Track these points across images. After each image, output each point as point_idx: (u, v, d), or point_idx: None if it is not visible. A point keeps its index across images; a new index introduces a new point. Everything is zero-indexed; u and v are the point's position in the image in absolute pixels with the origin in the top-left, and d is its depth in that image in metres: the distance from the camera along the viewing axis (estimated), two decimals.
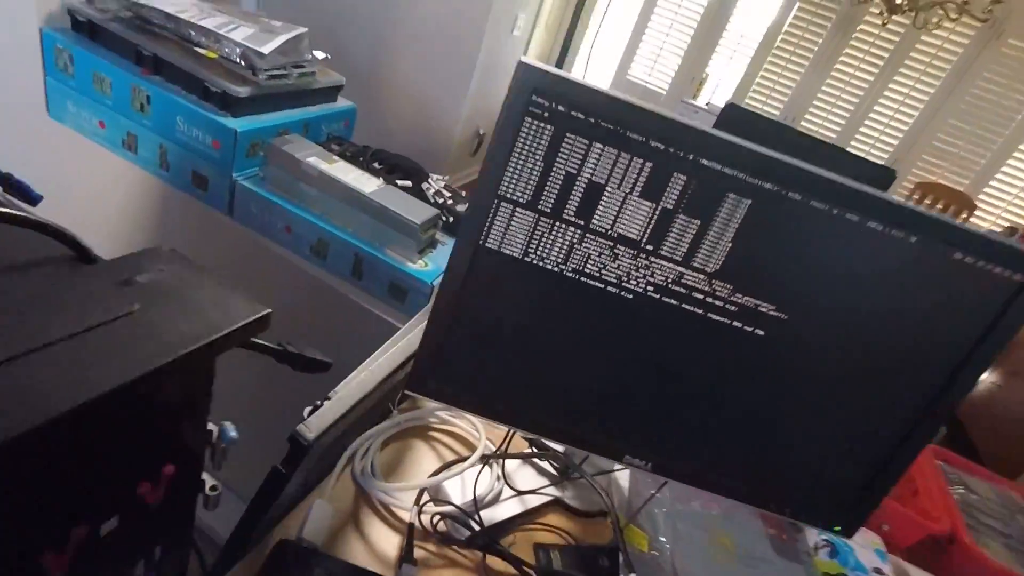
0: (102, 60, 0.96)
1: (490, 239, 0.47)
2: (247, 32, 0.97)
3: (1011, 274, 0.45)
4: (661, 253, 0.47)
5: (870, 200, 0.44)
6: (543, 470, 0.69)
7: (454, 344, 0.51)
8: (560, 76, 0.42)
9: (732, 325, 0.49)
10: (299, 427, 0.42)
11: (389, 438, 0.67)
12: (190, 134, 0.96)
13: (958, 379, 0.49)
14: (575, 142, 0.44)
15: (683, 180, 0.45)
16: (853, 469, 0.54)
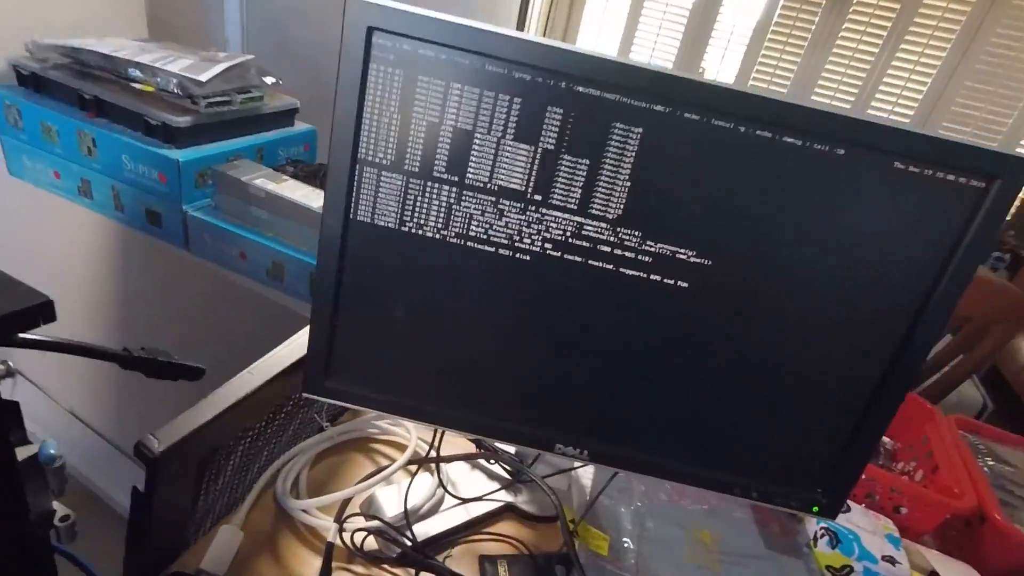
0: (48, 110, 0.97)
1: (360, 211, 0.42)
2: (186, 63, 0.96)
3: (967, 180, 0.38)
4: (552, 203, 0.41)
5: (782, 110, 0.38)
6: (494, 474, 0.62)
7: (343, 335, 0.46)
8: (397, 8, 0.37)
9: (650, 279, 0.42)
10: (144, 437, 0.37)
11: (323, 454, 0.61)
12: (137, 171, 0.95)
13: (927, 314, 0.41)
14: (430, 85, 0.39)
15: (560, 114, 0.39)
16: (821, 437, 0.46)
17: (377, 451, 0.64)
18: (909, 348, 0.42)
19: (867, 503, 0.68)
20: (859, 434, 0.45)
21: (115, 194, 0.99)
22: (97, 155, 0.97)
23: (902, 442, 0.80)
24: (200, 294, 1.04)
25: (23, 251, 1.21)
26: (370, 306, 0.45)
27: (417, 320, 0.45)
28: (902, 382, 0.43)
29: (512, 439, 0.49)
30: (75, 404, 1.34)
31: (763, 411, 0.45)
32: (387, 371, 0.47)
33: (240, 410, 0.43)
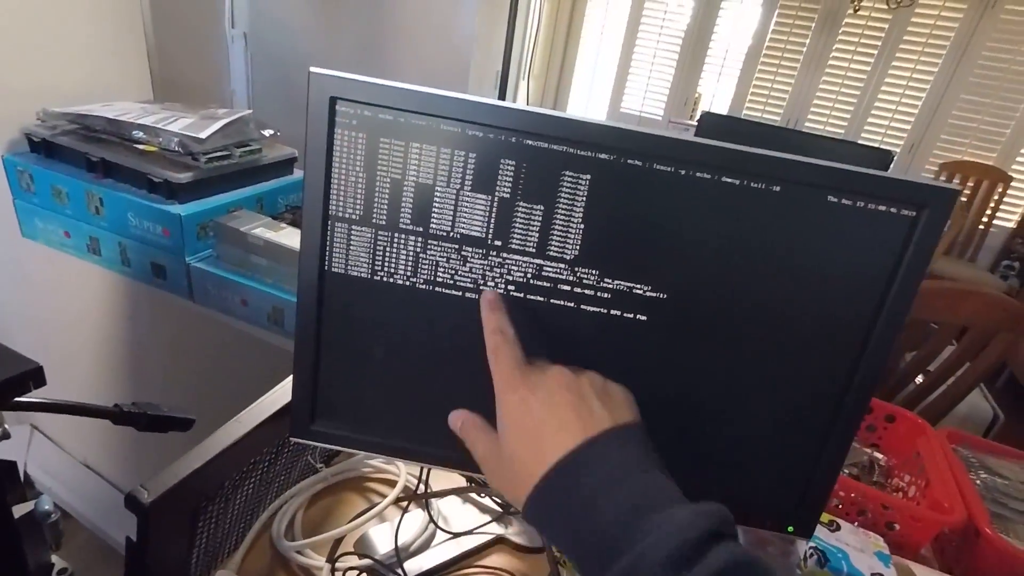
0: (57, 173, 1.02)
1: (334, 263, 0.45)
2: (187, 122, 1.02)
3: (898, 209, 0.40)
4: (511, 247, 0.44)
5: (715, 154, 0.40)
6: (484, 506, 0.63)
7: (326, 381, 0.48)
8: (356, 79, 0.40)
9: (610, 314, 0.45)
10: (135, 489, 0.39)
11: (318, 495, 0.63)
12: (143, 227, 1.00)
13: (875, 334, 0.43)
14: (391, 145, 0.42)
15: (512, 165, 0.42)
16: (787, 457, 0.47)
17: (371, 489, 0.65)
18: (862, 367, 0.43)
19: (860, 521, 0.68)
20: (824, 453, 0.46)
21: (122, 250, 1.04)
22: (104, 213, 1.02)
23: (897, 458, 0.80)
24: (205, 341, 1.07)
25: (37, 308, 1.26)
26: (350, 352, 0.47)
27: (395, 363, 0.48)
28: (859, 401, 0.44)
29: None
30: (88, 456, 1.37)
31: (729, 433, 0.47)
32: (370, 412, 0.50)
33: (229, 456, 0.45)
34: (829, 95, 3.10)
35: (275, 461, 0.56)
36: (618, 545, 0.30)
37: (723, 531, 0.31)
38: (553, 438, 0.35)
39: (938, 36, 2.83)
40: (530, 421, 0.36)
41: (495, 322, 0.41)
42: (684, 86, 3.41)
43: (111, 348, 1.18)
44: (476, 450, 0.41)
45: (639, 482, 0.33)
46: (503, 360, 0.39)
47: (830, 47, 3.02)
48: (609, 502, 0.32)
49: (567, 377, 0.38)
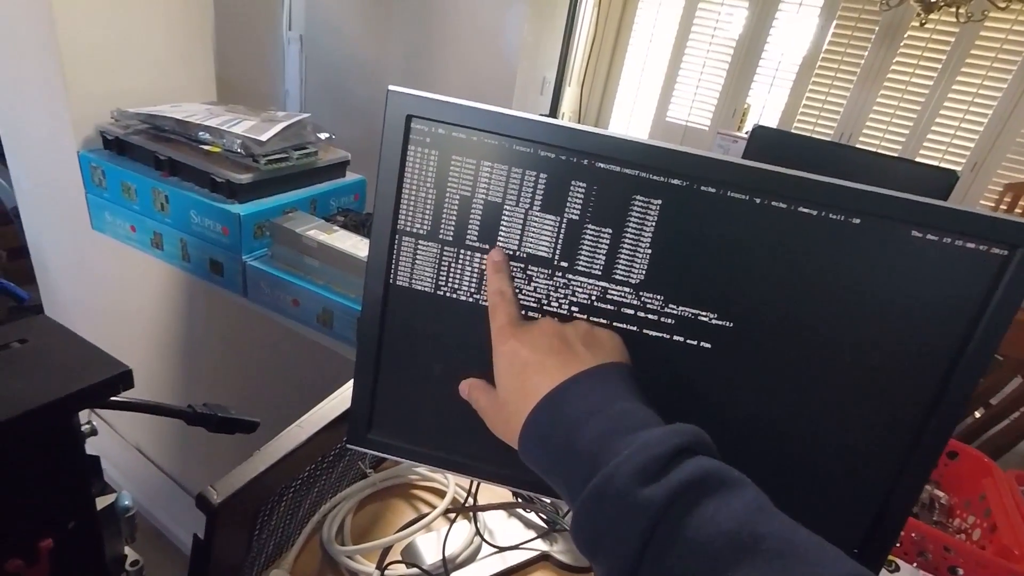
0: (127, 171, 1.07)
1: (399, 277, 0.46)
2: (249, 124, 1.05)
3: (988, 248, 0.38)
4: (577, 269, 0.44)
5: (795, 183, 0.39)
6: (530, 523, 0.63)
7: (384, 392, 0.49)
8: (433, 98, 0.41)
9: (673, 340, 0.44)
10: (205, 489, 0.41)
11: (366, 500, 0.64)
12: (203, 225, 1.03)
13: (957, 374, 0.41)
14: (463, 163, 0.42)
15: (583, 188, 0.42)
16: (853, 496, 0.45)
17: (418, 497, 0.66)
18: (940, 409, 0.42)
19: (919, 562, 0.65)
20: (894, 494, 0.44)
21: (183, 246, 1.08)
22: (169, 210, 1.06)
23: (958, 497, 0.77)
24: (257, 338, 1.10)
25: (101, 297, 1.32)
26: (410, 365, 0.48)
27: (454, 378, 0.48)
28: (936, 442, 0.43)
29: (544, 491, 0.51)
30: (142, 442, 1.42)
31: (792, 468, 0.46)
32: (425, 425, 0.50)
33: (290, 461, 0.46)
34: (886, 110, 3.00)
35: (328, 466, 0.57)
36: (594, 465, 0.32)
37: (694, 448, 0.32)
38: (538, 378, 0.37)
39: (1008, 51, 2.70)
40: (518, 365, 0.39)
41: (497, 283, 0.43)
42: (733, 97, 3.35)
43: (168, 341, 1.22)
44: (478, 404, 0.43)
45: (616, 409, 0.35)
46: (499, 316, 0.42)
47: (889, 60, 2.93)
48: (587, 429, 0.34)
49: (553, 326, 0.40)
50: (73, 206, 1.16)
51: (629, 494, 0.29)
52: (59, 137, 1.11)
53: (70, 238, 1.24)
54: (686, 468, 0.30)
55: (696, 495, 0.29)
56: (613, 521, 0.30)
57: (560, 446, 0.35)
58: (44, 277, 1.39)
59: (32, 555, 0.33)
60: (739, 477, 0.31)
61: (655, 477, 0.30)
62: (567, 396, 0.36)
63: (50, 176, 1.19)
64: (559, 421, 0.35)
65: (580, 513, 0.31)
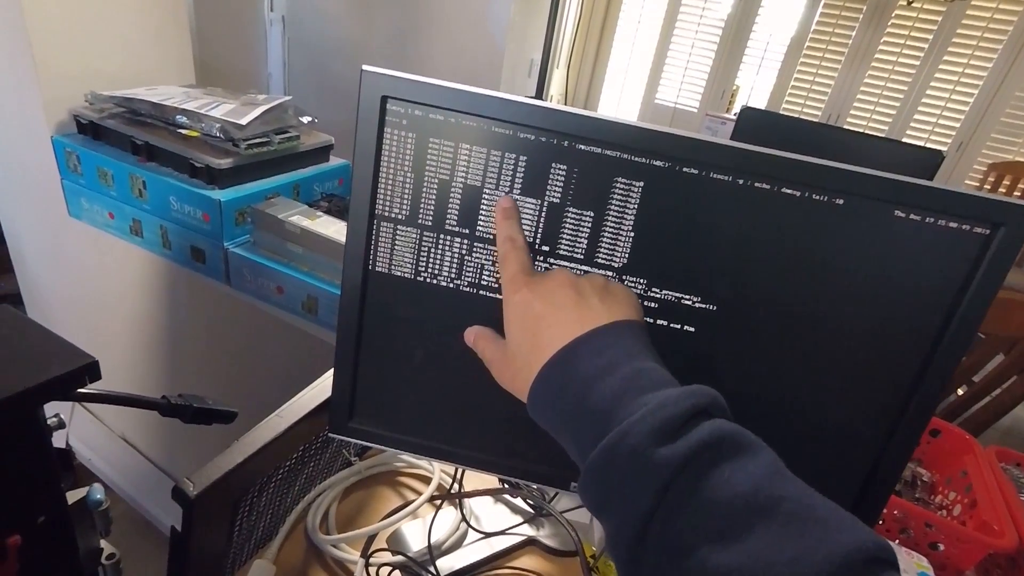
0: (103, 156, 1.04)
1: (378, 263, 0.45)
2: (228, 108, 1.03)
3: (970, 227, 0.38)
4: (559, 253, 0.43)
5: (778, 164, 0.38)
6: (516, 508, 0.63)
7: (365, 379, 0.48)
8: (409, 78, 0.40)
9: (656, 324, 0.44)
10: (181, 481, 0.40)
11: (351, 488, 0.64)
12: (183, 211, 1.01)
13: (939, 353, 0.41)
14: (441, 146, 0.41)
15: (564, 170, 0.41)
16: (837, 473, 0.46)
17: (404, 484, 0.66)
18: (923, 387, 0.42)
19: (901, 539, 0.66)
20: (876, 473, 0.44)
21: (163, 233, 1.06)
22: (147, 197, 1.04)
23: (940, 475, 0.78)
24: (240, 327, 1.09)
25: (79, 287, 1.29)
26: (390, 351, 0.47)
27: (435, 365, 0.47)
28: (918, 420, 0.43)
29: (529, 477, 0.51)
30: (128, 432, 1.41)
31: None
32: (408, 413, 0.49)
33: (269, 451, 0.45)
34: (874, 91, 3.00)
35: (313, 455, 0.57)
36: (607, 423, 0.31)
37: (710, 410, 0.32)
38: (551, 332, 0.36)
39: (994, 30, 2.70)
40: (531, 318, 0.38)
41: (507, 230, 0.41)
42: (722, 78, 3.33)
43: (150, 330, 1.21)
44: (485, 355, 0.42)
45: (631, 368, 0.34)
46: (510, 265, 0.40)
47: (877, 41, 2.92)
48: (601, 387, 0.33)
49: (568, 277, 0.39)
50: (48, 193, 1.13)
51: (644, 452, 0.29)
52: (31, 121, 1.08)
53: (46, 226, 1.22)
54: (703, 429, 0.29)
55: (712, 456, 0.29)
56: (625, 479, 0.29)
57: (572, 403, 0.34)
58: (21, 266, 1.36)
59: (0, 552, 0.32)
60: (755, 440, 0.31)
61: (671, 437, 0.29)
62: (581, 352, 0.35)
63: (23, 162, 1.16)
64: (572, 377, 0.34)
65: (591, 470, 0.31)
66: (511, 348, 0.39)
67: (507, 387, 0.40)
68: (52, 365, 0.30)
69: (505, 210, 0.42)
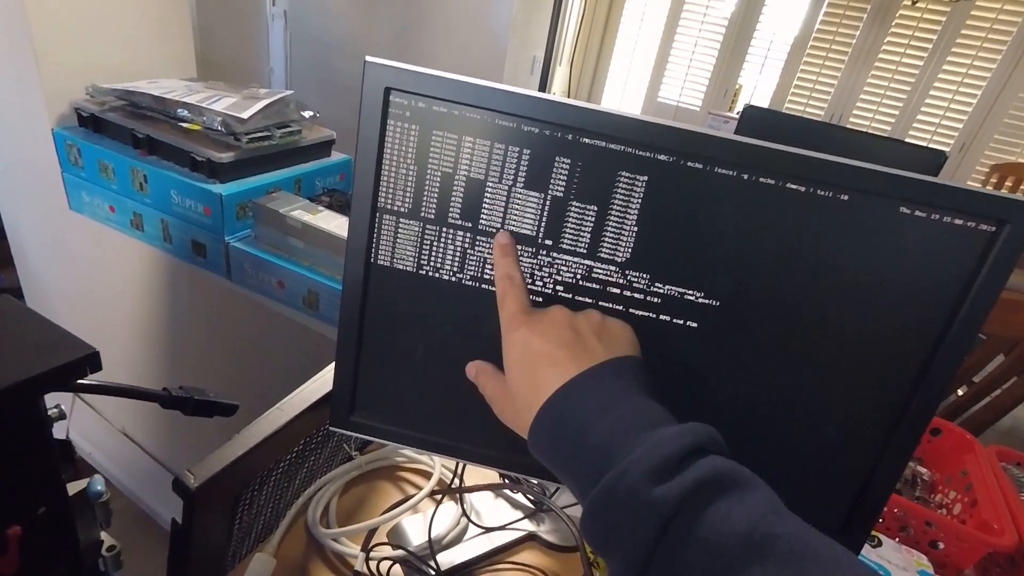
0: (104, 149, 1.04)
1: (380, 256, 0.45)
2: (229, 101, 1.02)
3: (976, 224, 0.38)
4: (562, 247, 0.43)
5: (783, 159, 0.38)
6: (517, 503, 0.63)
7: (367, 373, 0.48)
8: (412, 69, 0.40)
9: (659, 319, 0.43)
10: (182, 474, 0.40)
11: (352, 483, 0.64)
12: (184, 205, 1.01)
13: (942, 351, 0.41)
14: (444, 138, 0.41)
15: (567, 163, 0.41)
16: (836, 472, 0.45)
17: (404, 479, 0.66)
18: (925, 385, 0.42)
19: (901, 537, 0.66)
20: (878, 470, 0.44)
21: (164, 227, 1.06)
22: (148, 191, 1.03)
23: (940, 473, 0.78)
24: (241, 321, 1.09)
25: (80, 280, 1.29)
26: (392, 345, 0.47)
27: (436, 359, 0.47)
28: (920, 418, 0.43)
29: (531, 472, 0.50)
30: (127, 426, 1.41)
31: (777, 444, 0.45)
32: (409, 407, 0.49)
33: (270, 445, 0.45)
34: (877, 91, 2.99)
35: (313, 449, 0.57)
36: (606, 462, 0.31)
37: (707, 448, 0.32)
38: (549, 371, 0.36)
39: (999, 31, 2.70)
40: (529, 356, 0.38)
41: (504, 268, 0.42)
42: (725, 77, 3.33)
43: (150, 324, 1.21)
44: (486, 391, 0.42)
45: (629, 407, 0.34)
46: (509, 303, 0.40)
47: (881, 41, 2.91)
48: (599, 426, 0.33)
49: (566, 315, 0.39)
50: (49, 186, 1.13)
51: (641, 492, 0.29)
52: (32, 114, 1.08)
53: (47, 219, 1.22)
54: (699, 467, 0.30)
55: (709, 494, 0.29)
56: (625, 519, 0.29)
57: (571, 442, 0.34)
58: (22, 260, 1.36)
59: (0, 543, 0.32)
60: (751, 477, 0.31)
61: (668, 476, 0.29)
62: (579, 391, 0.35)
63: (24, 154, 1.16)
64: (570, 417, 0.35)
65: (591, 510, 0.31)
66: (511, 386, 0.39)
67: (508, 424, 0.41)
68: (53, 355, 0.30)
69: (503, 247, 0.42)
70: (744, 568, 0.27)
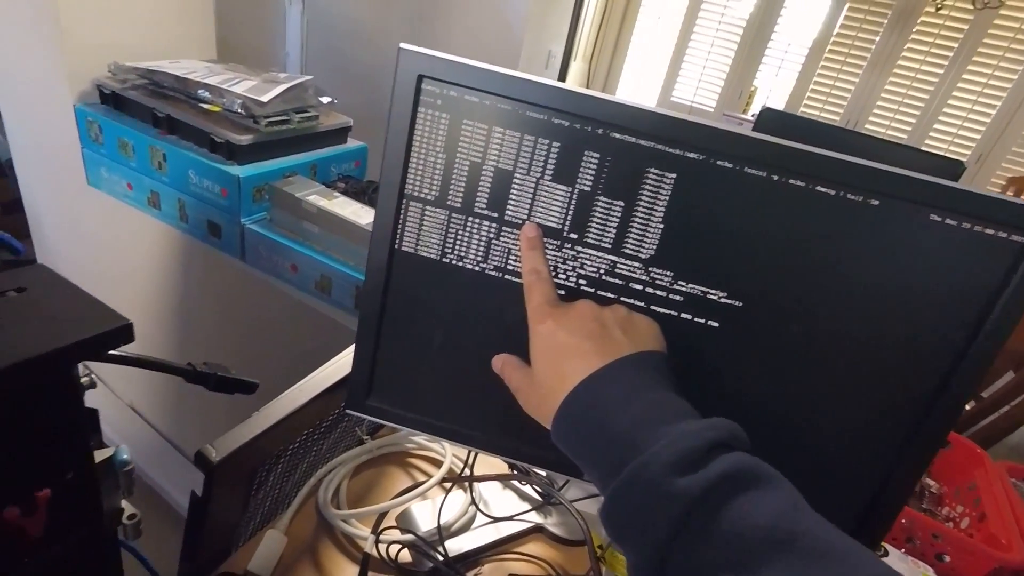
0: (125, 127, 1.04)
1: (404, 242, 0.45)
2: (250, 84, 1.03)
3: (1008, 234, 0.38)
4: (587, 241, 0.43)
5: (816, 161, 0.38)
6: (525, 495, 0.63)
7: (385, 359, 0.48)
8: (446, 58, 0.40)
9: (680, 317, 0.43)
10: (204, 447, 0.40)
11: (362, 466, 0.64)
12: (202, 185, 1.02)
13: (964, 363, 0.41)
14: (474, 128, 0.41)
15: (596, 158, 0.41)
16: (852, 478, 0.45)
17: (413, 465, 0.66)
18: (946, 396, 0.41)
19: (907, 548, 0.66)
20: (892, 480, 0.44)
21: (181, 206, 1.06)
22: (167, 169, 1.04)
23: (949, 487, 0.78)
24: (253, 303, 1.09)
25: (96, 256, 1.30)
26: (411, 332, 0.47)
27: (455, 347, 0.47)
28: (939, 429, 0.43)
29: (543, 464, 0.51)
30: (136, 401, 1.42)
31: (791, 449, 0.45)
32: (425, 393, 0.50)
33: (288, 423, 0.46)
34: (895, 97, 2.97)
35: (327, 431, 0.57)
36: (628, 453, 0.32)
37: (730, 444, 0.32)
38: (575, 362, 0.37)
39: (1022, 41, 2.67)
40: (556, 348, 0.38)
41: (532, 261, 0.42)
42: (740, 78, 3.31)
43: (163, 301, 1.21)
44: (511, 382, 0.43)
45: (653, 399, 0.35)
46: (536, 295, 0.41)
47: (901, 47, 2.88)
48: (623, 417, 0.34)
49: (592, 309, 0.40)
50: (68, 161, 1.14)
51: (664, 482, 0.29)
52: (54, 89, 1.08)
53: (65, 194, 1.22)
54: (724, 461, 0.30)
55: (732, 488, 0.29)
56: (645, 508, 0.30)
57: (594, 432, 0.35)
58: (39, 232, 1.37)
59: (30, 505, 0.33)
60: (775, 474, 0.31)
61: (691, 468, 0.30)
62: (604, 382, 0.36)
63: (45, 129, 1.17)
64: (595, 407, 0.35)
65: (612, 499, 0.31)
66: (537, 376, 0.40)
67: (532, 414, 0.41)
68: (89, 325, 0.31)
69: (530, 239, 0.42)
70: (766, 562, 0.27)
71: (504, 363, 0.44)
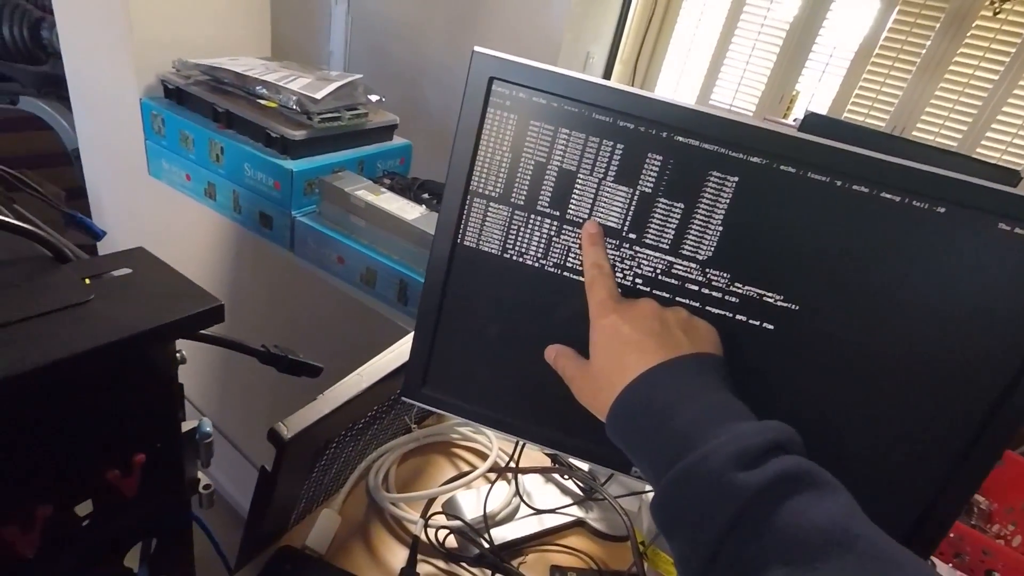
0: (186, 120, 1.09)
1: (467, 237, 0.47)
2: (304, 82, 1.06)
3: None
4: (645, 242, 0.44)
5: (879, 167, 0.38)
6: (567, 489, 0.65)
7: (441, 349, 0.50)
8: (517, 61, 0.41)
9: (735, 319, 0.44)
10: (276, 425, 0.43)
11: (409, 453, 0.66)
12: (256, 178, 1.05)
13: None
14: (540, 129, 0.43)
15: (659, 161, 0.42)
16: (904, 490, 0.45)
17: (458, 456, 0.68)
18: (1005, 411, 0.41)
19: (955, 563, 0.65)
20: (944, 494, 0.44)
21: (235, 197, 1.10)
22: (223, 162, 1.08)
23: (1000, 504, 0.76)
24: (300, 292, 1.13)
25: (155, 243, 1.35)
26: (468, 323, 0.49)
27: (510, 340, 0.49)
28: (995, 445, 0.42)
29: (591, 458, 0.52)
30: None
31: (842, 457, 0.46)
32: (478, 384, 0.51)
33: (350, 407, 0.48)
34: (945, 104, 2.88)
35: (379, 417, 0.59)
36: (686, 446, 0.33)
37: (788, 447, 0.32)
38: (636, 356, 0.38)
39: None
40: (618, 342, 0.40)
41: (593, 256, 0.43)
42: (782, 82, 3.25)
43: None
44: (565, 373, 0.44)
45: (712, 399, 0.36)
46: (599, 290, 0.42)
47: (953, 51, 2.80)
48: (682, 412, 0.35)
49: (655, 308, 0.41)
50: (132, 152, 1.19)
51: (724, 475, 0.30)
52: (122, 84, 1.13)
53: (127, 183, 1.28)
54: (783, 461, 0.31)
55: (791, 488, 0.30)
56: (701, 501, 0.30)
57: (652, 425, 0.35)
58: (100, 218, 1.43)
59: (128, 468, 0.35)
60: (833, 480, 0.31)
61: (751, 465, 0.30)
62: (664, 378, 0.37)
63: (112, 121, 1.22)
64: (653, 400, 0.36)
65: (665, 491, 0.32)
66: (594, 368, 0.41)
67: (587, 404, 0.42)
68: (186, 304, 0.33)
69: (591, 235, 0.43)
70: (824, 559, 0.27)
71: (558, 353, 0.45)
